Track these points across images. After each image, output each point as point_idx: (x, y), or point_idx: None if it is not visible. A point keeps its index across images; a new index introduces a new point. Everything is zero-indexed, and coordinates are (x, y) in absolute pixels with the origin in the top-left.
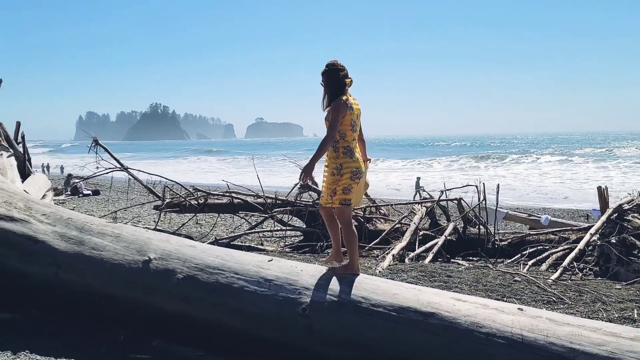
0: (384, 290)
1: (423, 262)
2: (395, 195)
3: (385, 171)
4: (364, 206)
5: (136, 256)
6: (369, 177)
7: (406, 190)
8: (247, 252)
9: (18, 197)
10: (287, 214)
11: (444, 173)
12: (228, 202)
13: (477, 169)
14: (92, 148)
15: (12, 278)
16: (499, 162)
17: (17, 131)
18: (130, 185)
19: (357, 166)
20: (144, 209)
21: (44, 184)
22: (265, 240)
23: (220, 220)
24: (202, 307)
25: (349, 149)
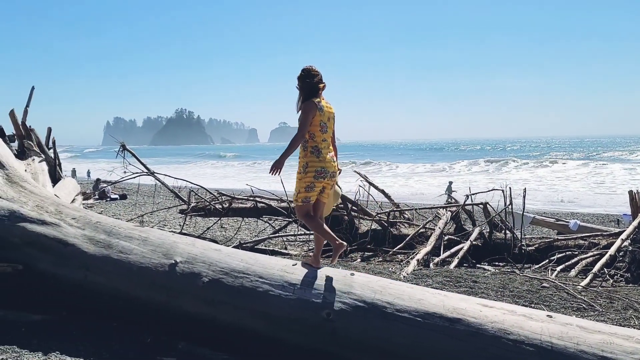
0: (409, 296)
1: (448, 267)
2: (418, 199)
3: (408, 175)
4: (387, 210)
5: (162, 259)
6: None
7: (430, 194)
8: (271, 256)
9: (49, 201)
10: None
11: (466, 177)
12: (252, 206)
13: (500, 173)
14: (120, 153)
15: (44, 280)
16: (523, 166)
17: (48, 137)
18: (157, 189)
19: (322, 166)
20: (169, 213)
21: (73, 188)
22: (289, 245)
23: (245, 224)
24: (227, 311)
25: (316, 149)
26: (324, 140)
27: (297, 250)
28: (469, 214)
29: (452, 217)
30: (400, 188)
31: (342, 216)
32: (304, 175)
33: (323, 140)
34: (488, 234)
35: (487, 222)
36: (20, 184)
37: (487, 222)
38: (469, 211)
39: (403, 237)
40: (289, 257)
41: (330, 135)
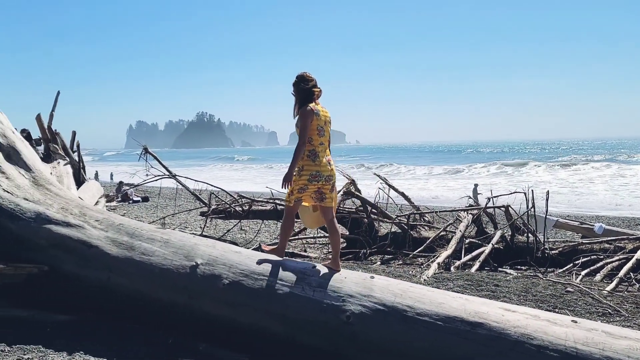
0: (430, 299)
1: (469, 271)
2: (438, 202)
3: (426, 178)
4: (407, 213)
5: (184, 261)
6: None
7: (449, 197)
8: (291, 258)
9: (73, 204)
10: None
11: (486, 179)
12: (272, 208)
13: (520, 175)
14: (142, 156)
15: (68, 281)
16: (544, 168)
17: (73, 140)
18: (178, 192)
19: (317, 170)
20: (190, 215)
21: (97, 190)
22: (309, 247)
23: (264, 227)
24: (247, 312)
25: (313, 153)
26: (321, 144)
27: (316, 252)
28: (491, 217)
29: (474, 220)
30: (419, 191)
31: (362, 219)
32: (298, 178)
33: (320, 144)
34: (510, 237)
35: (509, 225)
36: (46, 187)
37: (509, 225)
38: (491, 214)
39: (423, 240)
40: (309, 259)
41: (327, 139)
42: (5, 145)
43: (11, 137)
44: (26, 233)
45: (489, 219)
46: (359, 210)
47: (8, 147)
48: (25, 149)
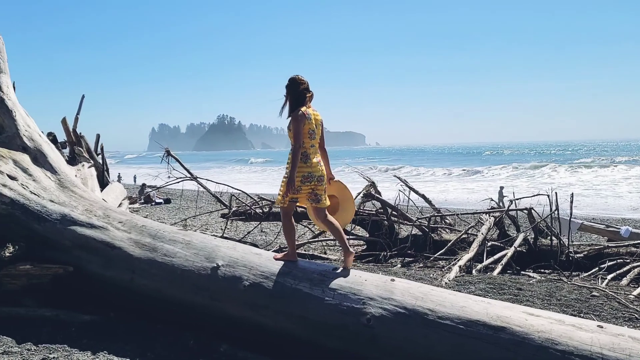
0: (451, 303)
1: (491, 274)
2: (459, 204)
3: (446, 180)
4: (428, 215)
5: (205, 263)
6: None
7: (470, 199)
8: (311, 260)
9: (97, 206)
10: (350, 223)
11: (508, 181)
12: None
13: (542, 177)
14: (164, 158)
15: (92, 282)
16: (566, 170)
17: (97, 143)
18: (199, 194)
19: (309, 171)
20: (211, 217)
21: (120, 192)
22: (329, 249)
23: None
24: (267, 314)
25: (305, 155)
26: (312, 146)
27: (336, 255)
28: (513, 220)
29: (496, 223)
30: (439, 193)
31: (382, 221)
32: (290, 180)
33: (311, 146)
34: (533, 240)
35: (531, 228)
36: (71, 189)
37: (531, 228)
38: (513, 217)
39: (444, 242)
40: (329, 261)
41: (317, 141)
42: (32, 149)
43: (38, 140)
44: (52, 234)
45: (511, 221)
46: (379, 212)
47: (35, 150)
48: (52, 152)
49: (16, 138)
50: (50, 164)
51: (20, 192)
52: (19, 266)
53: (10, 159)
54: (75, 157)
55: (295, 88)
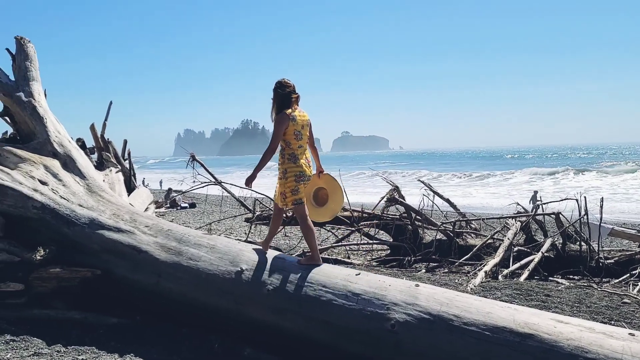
0: (477, 309)
1: (518, 280)
2: (484, 209)
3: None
4: (453, 220)
5: (229, 267)
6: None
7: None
8: (334, 265)
9: (124, 210)
10: (374, 227)
11: (533, 186)
12: None
13: (569, 181)
14: (190, 163)
15: (120, 285)
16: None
17: (124, 149)
18: (224, 198)
19: (300, 170)
20: (235, 221)
21: (146, 197)
22: (352, 254)
23: None
24: (291, 319)
25: (293, 156)
26: (300, 147)
27: (360, 259)
28: (540, 225)
29: (522, 228)
30: (463, 197)
31: (406, 225)
32: (285, 181)
33: (299, 147)
34: (561, 246)
35: (560, 233)
36: (99, 194)
37: (560, 233)
38: (540, 221)
39: (469, 247)
40: (352, 266)
41: (305, 142)
42: (62, 154)
43: (67, 146)
44: (80, 238)
45: (538, 226)
46: (402, 217)
47: (65, 155)
48: (80, 157)
49: (47, 144)
50: (79, 169)
51: (51, 197)
52: (49, 269)
53: (41, 165)
54: (103, 162)
55: (281, 91)
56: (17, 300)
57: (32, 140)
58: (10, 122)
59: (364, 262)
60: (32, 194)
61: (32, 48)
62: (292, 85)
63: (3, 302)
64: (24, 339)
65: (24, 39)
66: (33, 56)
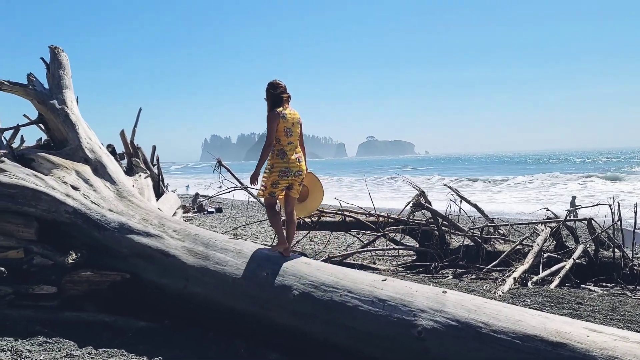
0: (506, 316)
1: (548, 287)
2: (511, 214)
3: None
4: (481, 226)
5: (255, 271)
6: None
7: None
8: (360, 270)
9: (153, 215)
10: (400, 232)
11: (561, 190)
12: (340, 220)
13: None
14: (216, 168)
15: (148, 289)
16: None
17: (153, 154)
18: (250, 203)
19: (286, 166)
20: (261, 226)
21: (174, 202)
22: (378, 259)
23: (333, 238)
24: (316, 324)
25: (282, 152)
26: (290, 143)
27: (385, 265)
28: (571, 231)
29: (552, 234)
30: (491, 202)
31: (432, 231)
32: (269, 174)
33: (289, 143)
34: (593, 252)
35: (592, 239)
36: (129, 199)
37: (592, 239)
38: (571, 227)
39: (498, 253)
40: (378, 272)
41: (296, 139)
42: (93, 160)
43: (98, 152)
44: (110, 242)
45: (569, 232)
46: (429, 222)
47: (96, 161)
48: (111, 163)
49: (79, 150)
50: (110, 175)
51: (82, 202)
52: (80, 273)
53: (73, 170)
54: (132, 167)
55: (272, 91)
56: (50, 303)
57: (64, 147)
58: (45, 129)
59: (389, 268)
60: (65, 199)
61: (66, 57)
62: (283, 85)
63: (37, 305)
64: (57, 341)
65: (58, 48)
66: (66, 65)
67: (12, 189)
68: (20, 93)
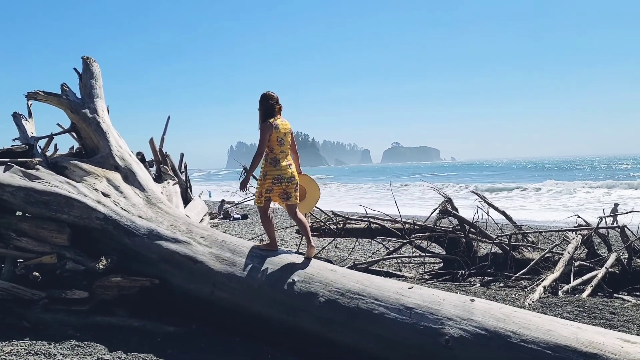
0: (537, 326)
1: (580, 296)
2: (540, 221)
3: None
4: (509, 233)
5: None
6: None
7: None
8: (386, 278)
9: (181, 221)
10: (426, 239)
11: (586, 196)
12: (366, 227)
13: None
14: (242, 175)
15: (176, 294)
16: None
17: (181, 162)
18: (275, 209)
19: (278, 173)
20: (286, 233)
21: (202, 208)
22: (403, 266)
23: (358, 245)
24: (342, 331)
25: (274, 160)
26: (282, 152)
27: (411, 272)
28: (603, 238)
29: (583, 241)
30: (520, 209)
31: (459, 238)
32: (263, 182)
33: (281, 152)
34: (627, 261)
35: (625, 247)
36: (157, 205)
37: (625, 247)
38: (603, 235)
39: (527, 261)
40: (404, 279)
41: (287, 147)
42: (123, 168)
43: (128, 159)
44: (140, 248)
45: (601, 240)
46: (456, 229)
47: (126, 169)
48: (140, 170)
49: (109, 158)
50: (139, 182)
51: (113, 209)
52: (111, 278)
53: (104, 178)
54: (161, 175)
55: (265, 102)
56: (82, 307)
57: (95, 155)
58: (77, 137)
59: (415, 275)
60: (96, 205)
61: (97, 67)
62: (275, 97)
63: (69, 309)
64: (88, 345)
65: (90, 58)
66: (98, 74)
67: (46, 196)
68: (54, 103)
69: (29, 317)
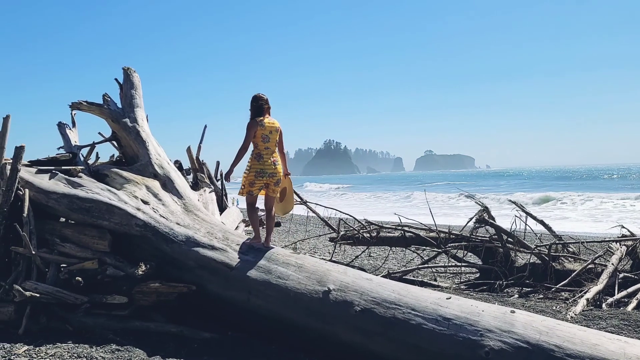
0: (582, 340)
1: (625, 309)
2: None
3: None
4: (548, 243)
5: (317, 286)
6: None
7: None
8: (422, 287)
9: (217, 228)
10: (462, 249)
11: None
12: (400, 235)
13: None
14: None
15: (212, 301)
16: None
17: (217, 170)
18: (309, 217)
19: (261, 168)
20: (320, 240)
21: (237, 216)
22: (438, 276)
23: (392, 254)
24: (379, 341)
25: (259, 155)
26: (267, 148)
27: (447, 282)
28: None
29: (628, 252)
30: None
31: (497, 248)
32: (247, 175)
33: (265, 149)
34: None
35: None
36: (195, 213)
37: None
38: None
39: (567, 272)
40: (440, 289)
41: (273, 145)
42: (161, 175)
43: (167, 167)
44: (177, 254)
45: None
46: (493, 239)
47: (164, 176)
48: (178, 178)
49: (148, 166)
50: (177, 190)
51: (152, 216)
52: (149, 284)
53: (143, 185)
54: (197, 182)
55: (255, 102)
56: (122, 312)
57: (135, 163)
58: (117, 145)
59: (451, 285)
60: (136, 212)
61: (137, 77)
62: (265, 98)
63: (110, 314)
64: (128, 349)
65: (130, 69)
66: (138, 85)
67: (88, 203)
68: (96, 112)
69: (72, 320)
